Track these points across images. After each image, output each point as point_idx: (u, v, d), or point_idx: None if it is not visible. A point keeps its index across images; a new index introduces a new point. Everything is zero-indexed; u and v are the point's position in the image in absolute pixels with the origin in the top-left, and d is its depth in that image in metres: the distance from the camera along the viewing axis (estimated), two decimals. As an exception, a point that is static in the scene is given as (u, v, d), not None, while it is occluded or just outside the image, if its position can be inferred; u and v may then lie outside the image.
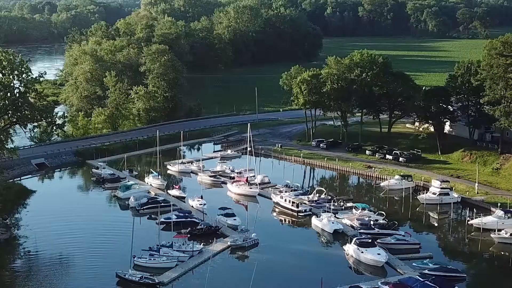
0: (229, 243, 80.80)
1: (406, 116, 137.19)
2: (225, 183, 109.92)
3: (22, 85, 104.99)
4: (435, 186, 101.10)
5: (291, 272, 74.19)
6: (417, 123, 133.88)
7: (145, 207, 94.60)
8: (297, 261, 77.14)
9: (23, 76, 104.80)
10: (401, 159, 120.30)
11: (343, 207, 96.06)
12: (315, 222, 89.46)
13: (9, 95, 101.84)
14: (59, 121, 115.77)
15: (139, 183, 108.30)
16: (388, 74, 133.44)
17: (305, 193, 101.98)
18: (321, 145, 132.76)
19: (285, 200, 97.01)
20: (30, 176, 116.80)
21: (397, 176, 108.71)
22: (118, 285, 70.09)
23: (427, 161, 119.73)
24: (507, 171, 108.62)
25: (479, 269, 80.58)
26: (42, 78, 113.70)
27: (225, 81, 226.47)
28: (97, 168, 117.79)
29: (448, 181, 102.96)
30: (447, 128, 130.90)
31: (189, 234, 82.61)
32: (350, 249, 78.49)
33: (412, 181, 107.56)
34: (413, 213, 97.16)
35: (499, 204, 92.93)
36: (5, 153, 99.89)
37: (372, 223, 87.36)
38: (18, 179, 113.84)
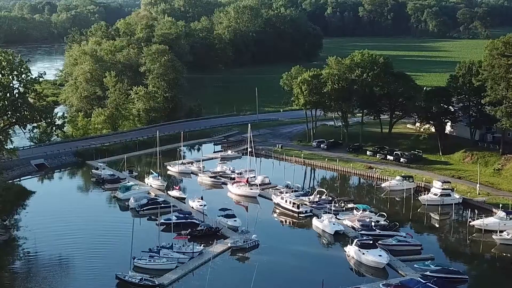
0: (230, 244, 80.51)
1: (407, 116, 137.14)
2: (225, 184, 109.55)
3: (21, 85, 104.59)
4: (436, 187, 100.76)
5: (292, 273, 73.85)
6: (418, 124, 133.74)
7: (145, 208, 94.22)
8: (298, 263, 76.78)
9: (23, 76, 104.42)
10: (402, 159, 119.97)
11: (344, 208, 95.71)
12: (316, 223, 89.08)
13: (8, 95, 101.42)
14: (59, 122, 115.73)
15: (139, 184, 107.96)
16: (389, 74, 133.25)
17: (305, 194, 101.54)
18: (322, 145, 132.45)
19: (286, 201, 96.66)
20: (29, 176, 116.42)
21: (398, 177, 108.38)
22: (117, 287, 69.66)
23: (428, 161, 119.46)
24: (509, 172, 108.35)
25: (481, 270, 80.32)
26: (41, 78, 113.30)
27: (225, 81, 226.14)
28: (97, 168, 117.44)
29: (449, 182, 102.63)
30: (448, 128, 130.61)
31: (189, 235, 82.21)
32: (351, 250, 78.15)
33: (413, 182, 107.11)
34: (414, 214, 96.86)
35: (501, 205, 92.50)
36: (4, 153, 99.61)
37: (373, 224, 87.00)
38: (17, 179, 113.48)
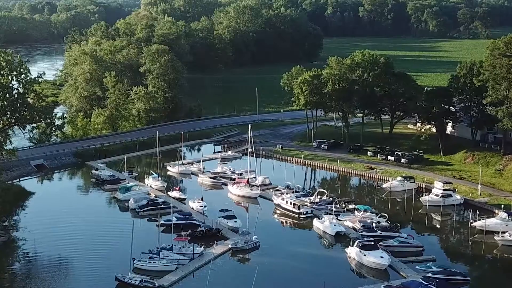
0: (230, 245, 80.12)
1: (408, 116, 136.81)
2: (225, 185, 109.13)
3: (20, 85, 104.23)
4: (438, 187, 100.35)
5: (293, 275, 73.47)
6: (419, 124, 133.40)
7: (145, 209, 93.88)
8: (299, 264, 76.36)
9: (22, 76, 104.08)
10: (403, 160, 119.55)
11: (345, 209, 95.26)
12: (317, 224, 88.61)
13: (7, 96, 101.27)
14: (58, 122, 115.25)
15: (139, 184, 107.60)
16: (390, 74, 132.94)
17: (306, 195, 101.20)
18: (322, 146, 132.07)
19: (286, 202, 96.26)
20: (29, 177, 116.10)
21: (399, 177, 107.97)
22: (117, 288, 69.41)
23: (429, 162, 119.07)
24: (510, 173, 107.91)
25: (483, 271, 79.86)
26: (41, 78, 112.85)
27: (225, 82, 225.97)
28: (97, 169, 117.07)
29: (450, 183, 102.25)
30: (449, 129, 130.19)
31: (189, 236, 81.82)
32: (352, 251, 77.71)
33: (414, 182, 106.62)
34: (416, 215, 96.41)
35: (503, 206, 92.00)
36: (4, 154, 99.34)
37: (374, 225, 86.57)
38: (17, 180, 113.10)
